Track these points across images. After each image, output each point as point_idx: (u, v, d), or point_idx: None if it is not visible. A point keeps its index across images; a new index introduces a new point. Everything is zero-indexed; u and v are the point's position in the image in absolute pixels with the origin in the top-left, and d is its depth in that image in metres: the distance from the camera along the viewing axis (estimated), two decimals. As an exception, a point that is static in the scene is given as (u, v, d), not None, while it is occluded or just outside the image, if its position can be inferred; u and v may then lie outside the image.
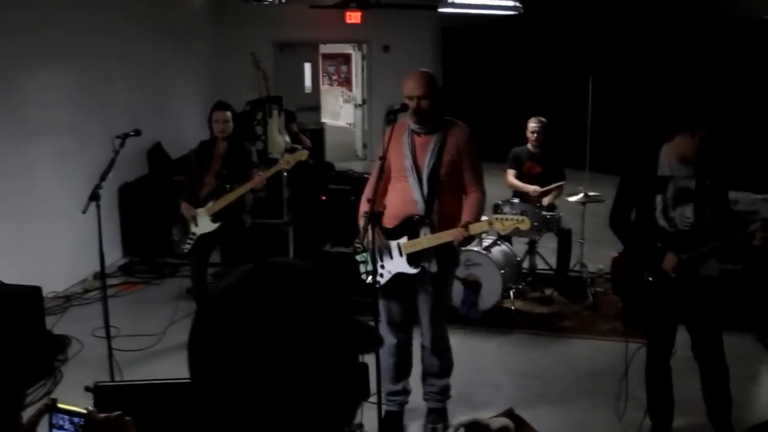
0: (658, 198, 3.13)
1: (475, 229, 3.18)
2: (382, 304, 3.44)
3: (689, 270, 3.10)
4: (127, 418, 1.17)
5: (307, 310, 0.77)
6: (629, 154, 3.38)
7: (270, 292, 0.77)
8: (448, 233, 3.19)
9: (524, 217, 3.25)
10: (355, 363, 0.80)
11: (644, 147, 3.28)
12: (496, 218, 3.28)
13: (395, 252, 3.32)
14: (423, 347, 3.57)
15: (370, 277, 3.25)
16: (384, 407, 3.43)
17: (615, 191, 3.33)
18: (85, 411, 1.16)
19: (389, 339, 3.50)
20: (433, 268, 3.29)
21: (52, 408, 1.18)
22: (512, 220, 3.24)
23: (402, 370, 3.62)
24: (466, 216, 3.25)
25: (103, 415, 1.16)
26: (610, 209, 3.31)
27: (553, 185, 5.36)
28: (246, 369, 0.74)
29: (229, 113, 4.53)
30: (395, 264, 3.33)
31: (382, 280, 3.36)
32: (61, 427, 1.16)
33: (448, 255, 3.37)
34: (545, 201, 5.35)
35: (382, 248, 3.29)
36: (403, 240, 3.29)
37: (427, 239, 3.23)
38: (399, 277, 3.35)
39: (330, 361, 0.77)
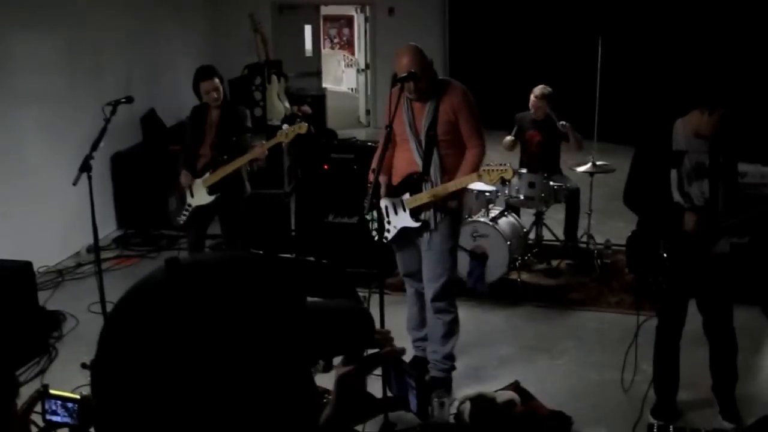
0: (673, 173, 3.11)
1: (464, 181, 3.40)
2: (397, 257, 3.74)
3: (706, 246, 3.06)
4: None
5: (228, 325, 0.64)
6: (642, 128, 3.36)
7: (179, 301, 0.64)
8: (443, 186, 3.40)
9: (507, 166, 3.33)
10: (302, 380, 0.67)
11: (658, 120, 3.27)
12: (483, 170, 3.37)
13: (399, 208, 3.56)
14: (426, 307, 3.67)
15: (377, 235, 3.42)
16: (413, 352, 3.87)
17: (624, 161, 3.33)
18: (77, 396, 1.13)
19: (409, 288, 3.82)
20: (435, 221, 3.48)
21: (44, 394, 1.17)
22: (497, 170, 3.34)
23: (424, 317, 3.77)
24: (461, 170, 3.43)
25: None
26: (624, 184, 3.26)
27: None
28: (155, 393, 0.62)
29: (217, 80, 4.26)
30: (400, 219, 3.56)
31: (389, 236, 3.59)
32: (54, 412, 1.15)
33: (450, 210, 3.52)
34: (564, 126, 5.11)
35: (388, 204, 3.56)
36: (406, 196, 3.52)
37: (426, 194, 3.44)
38: (405, 231, 3.56)
39: (262, 380, 0.64)
